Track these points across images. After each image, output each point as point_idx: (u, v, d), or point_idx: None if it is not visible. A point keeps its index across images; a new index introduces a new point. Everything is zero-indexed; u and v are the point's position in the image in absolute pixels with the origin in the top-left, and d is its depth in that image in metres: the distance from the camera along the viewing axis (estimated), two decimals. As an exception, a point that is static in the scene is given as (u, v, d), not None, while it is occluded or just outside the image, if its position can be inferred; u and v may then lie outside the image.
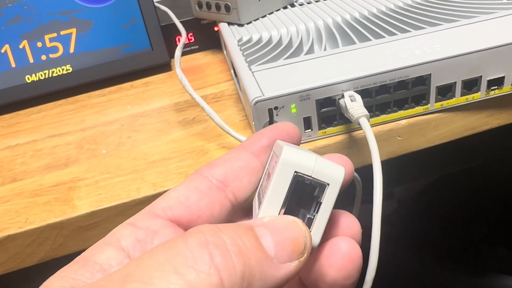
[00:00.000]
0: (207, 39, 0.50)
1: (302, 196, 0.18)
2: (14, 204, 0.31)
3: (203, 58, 0.49)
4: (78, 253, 0.30)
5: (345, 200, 0.38)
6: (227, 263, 0.14)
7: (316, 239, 0.18)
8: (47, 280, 0.17)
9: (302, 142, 0.31)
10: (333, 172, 0.18)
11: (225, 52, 0.46)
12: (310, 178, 0.18)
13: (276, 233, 0.16)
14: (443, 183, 0.83)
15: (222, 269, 0.14)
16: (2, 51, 0.43)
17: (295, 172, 0.18)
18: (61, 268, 0.18)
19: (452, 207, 0.78)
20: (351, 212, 0.35)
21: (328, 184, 0.18)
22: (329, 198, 0.18)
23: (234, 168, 0.20)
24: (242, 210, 0.22)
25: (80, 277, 0.17)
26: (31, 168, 0.34)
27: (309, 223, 0.18)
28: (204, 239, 0.15)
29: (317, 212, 0.18)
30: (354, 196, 0.33)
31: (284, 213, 0.18)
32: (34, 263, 0.29)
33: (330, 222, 0.19)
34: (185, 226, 0.19)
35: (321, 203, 0.18)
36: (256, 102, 0.29)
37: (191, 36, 0.49)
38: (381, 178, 0.25)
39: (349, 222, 0.20)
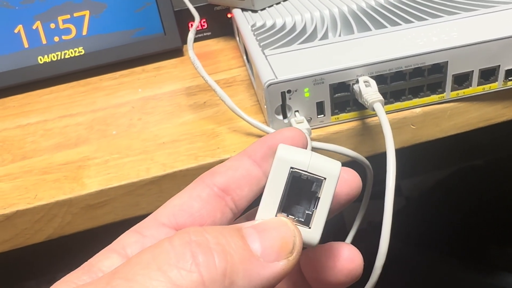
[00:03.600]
0: (220, 25, 0.49)
1: (300, 192, 0.18)
2: (24, 181, 0.31)
3: (215, 44, 0.48)
4: (87, 231, 0.30)
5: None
6: (208, 260, 0.15)
7: (316, 235, 0.18)
8: (54, 284, 0.17)
9: (314, 127, 0.31)
10: (329, 166, 0.18)
11: (237, 38, 0.46)
12: (306, 173, 0.18)
13: (263, 233, 0.16)
14: (453, 179, 0.82)
15: (203, 266, 0.15)
16: (16, 31, 0.43)
17: (291, 168, 0.18)
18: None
19: (462, 204, 0.77)
20: (361, 202, 0.34)
21: (325, 178, 0.18)
22: (326, 193, 0.18)
23: (235, 177, 0.20)
24: (245, 217, 0.22)
25: (82, 282, 0.17)
26: (41, 146, 0.34)
27: (308, 219, 0.18)
28: (188, 239, 0.15)
29: (315, 208, 0.18)
30: (364, 184, 0.33)
31: (283, 211, 0.18)
32: (42, 239, 0.29)
33: (332, 254, 0.20)
34: None
35: (319, 198, 0.18)
36: (269, 85, 0.29)
37: (204, 22, 0.49)
38: (395, 163, 0.25)
39: (351, 255, 0.20)
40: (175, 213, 0.19)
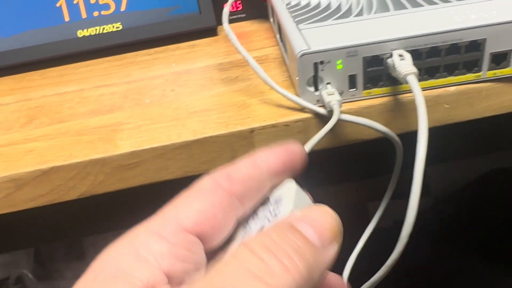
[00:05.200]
0: (255, 8, 0.50)
1: None
2: (60, 141, 0.32)
3: (249, 26, 0.49)
4: (117, 192, 0.31)
5: (384, 167, 0.37)
6: (292, 263, 0.16)
7: None
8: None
9: (345, 101, 0.31)
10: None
11: (271, 19, 0.46)
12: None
13: (314, 223, 0.17)
14: (484, 181, 0.80)
15: (293, 272, 0.16)
16: (58, 5, 0.45)
17: None
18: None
19: (493, 207, 0.75)
20: (389, 179, 0.34)
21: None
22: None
23: (252, 189, 0.20)
24: None
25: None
26: (77, 112, 0.36)
27: None
28: (265, 244, 0.16)
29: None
30: (394, 162, 0.33)
31: None
32: (75, 197, 0.30)
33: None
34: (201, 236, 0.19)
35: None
36: (302, 55, 0.29)
37: (239, 4, 0.50)
38: (427, 134, 0.25)
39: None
40: (201, 221, 0.19)
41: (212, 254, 0.20)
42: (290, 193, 0.21)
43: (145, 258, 0.17)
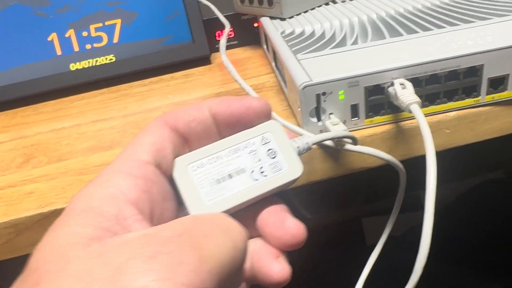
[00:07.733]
0: (247, 34, 0.50)
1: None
2: (60, 181, 0.31)
3: (242, 53, 0.49)
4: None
5: (388, 190, 0.37)
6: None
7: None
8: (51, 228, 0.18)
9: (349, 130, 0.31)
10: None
11: (265, 46, 0.46)
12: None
13: None
14: (475, 193, 0.80)
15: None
16: (49, 39, 0.44)
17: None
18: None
19: (485, 219, 0.76)
20: (393, 204, 0.34)
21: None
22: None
23: (197, 130, 0.22)
24: None
25: (88, 229, 0.17)
26: (76, 149, 0.35)
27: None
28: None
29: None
30: (397, 189, 0.33)
31: None
32: (78, 239, 0.30)
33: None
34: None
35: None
36: (305, 87, 0.29)
37: (230, 31, 0.50)
38: (435, 164, 0.25)
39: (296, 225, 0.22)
40: (153, 153, 0.21)
41: None
42: (276, 136, 0.23)
43: (112, 194, 0.19)
